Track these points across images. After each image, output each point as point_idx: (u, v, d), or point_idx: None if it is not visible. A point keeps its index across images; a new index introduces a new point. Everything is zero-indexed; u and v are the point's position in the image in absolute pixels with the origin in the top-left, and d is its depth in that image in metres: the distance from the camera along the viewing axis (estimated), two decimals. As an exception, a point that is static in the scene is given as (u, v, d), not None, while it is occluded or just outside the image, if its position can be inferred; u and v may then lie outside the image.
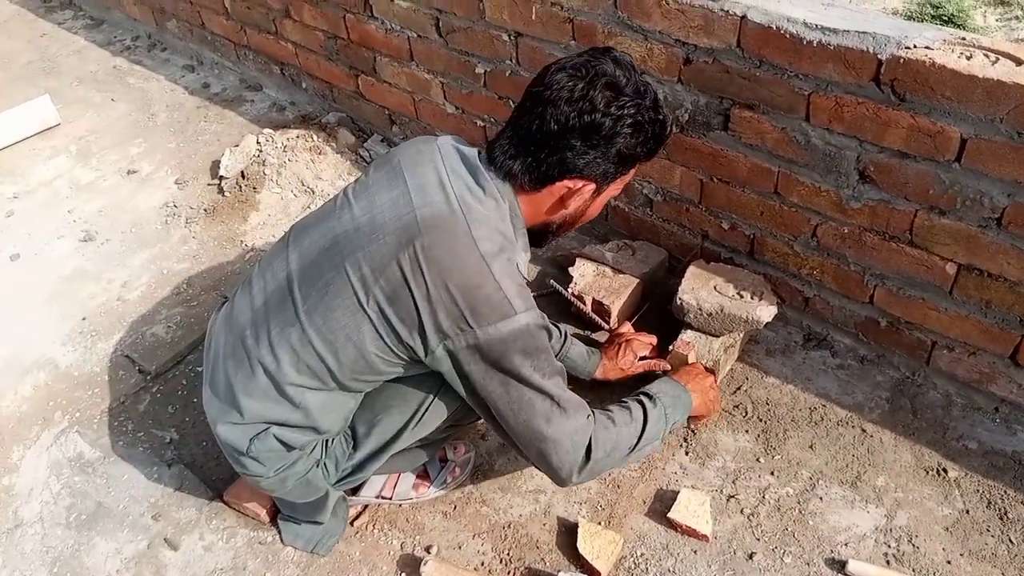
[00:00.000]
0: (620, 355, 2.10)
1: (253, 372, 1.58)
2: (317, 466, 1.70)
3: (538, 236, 1.67)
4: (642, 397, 1.75)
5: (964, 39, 1.65)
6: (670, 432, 1.82)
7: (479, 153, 1.58)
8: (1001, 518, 1.82)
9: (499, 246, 1.47)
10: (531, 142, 1.49)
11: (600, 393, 2.10)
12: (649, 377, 2.13)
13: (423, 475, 1.94)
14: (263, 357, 1.57)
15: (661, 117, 1.52)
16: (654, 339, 2.16)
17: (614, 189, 1.61)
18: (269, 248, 1.76)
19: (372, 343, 1.51)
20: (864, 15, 1.76)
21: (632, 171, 1.59)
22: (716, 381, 2.02)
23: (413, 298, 1.45)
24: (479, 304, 1.43)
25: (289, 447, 1.62)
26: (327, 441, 1.70)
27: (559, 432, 1.53)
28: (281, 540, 1.88)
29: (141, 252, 2.76)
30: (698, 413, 1.91)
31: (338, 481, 1.76)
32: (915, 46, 1.64)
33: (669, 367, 2.10)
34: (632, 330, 2.21)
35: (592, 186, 1.54)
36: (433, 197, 1.49)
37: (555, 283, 2.35)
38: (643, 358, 2.12)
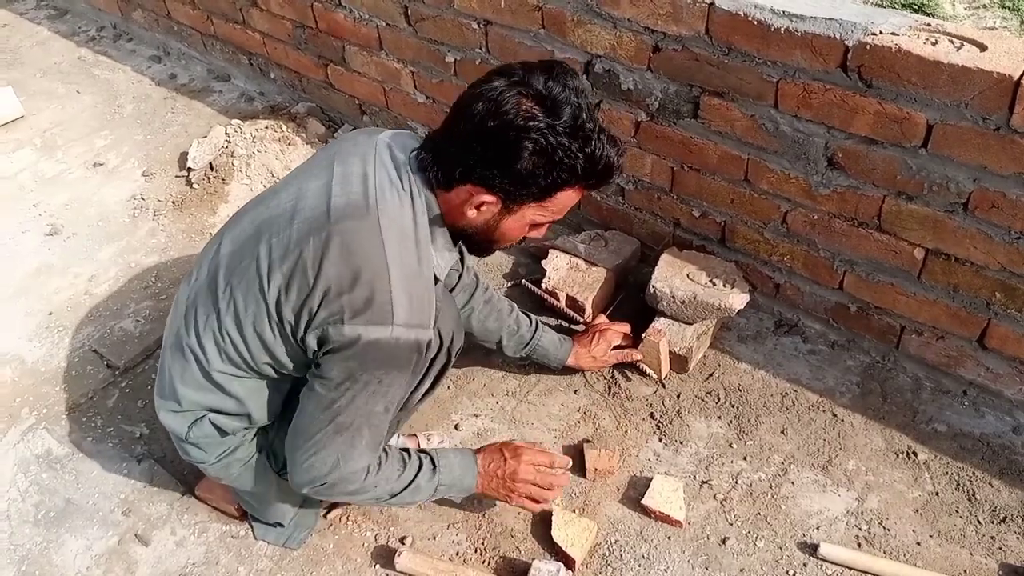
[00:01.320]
0: (593, 344, 2.09)
1: (187, 360, 1.58)
2: (260, 452, 1.70)
3: (471, 243, 1.59)
4: (427, 464, 1.65)
5: (929, 25, 1.66)
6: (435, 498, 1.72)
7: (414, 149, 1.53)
8: (969, 499, 1.85)
9: (409, 249, 1.44)
10: (447, 139, 1.44)
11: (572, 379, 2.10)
12: (624, 366, 2.15)
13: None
14: (193, 345, 1.57)
15: (587, 151, 1.37)
16: (627, 327, 2.16)
17: (535, 214, 1.48)
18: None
19: (270, 331, 1.49)
20: (830, 1, 1.77)
21: (553, 201, 1.45)
22: (557, 465, 1.79)
23: (307, 287, 1.41)
24: (361, 301, 1.39)
25: (223, 432, 1.63)
26: (267, 428, 1.70)
27: (342, 454, 1.48)
28: (253, 534, 1.86)
29: (108, 245, 2.72)
30: (484, 496, 1.78)
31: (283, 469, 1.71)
32: (881, 32, 1.65)
33: (640, 356, 2.10)
34: (607, 321, 2.20)
35: (496, 200, 1.44)
36: (352, 188, 1.46)
37: (528, 282, 2.36)
38: (617, 347, 2.12)
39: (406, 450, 1.65)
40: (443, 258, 1.54)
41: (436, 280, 1.52)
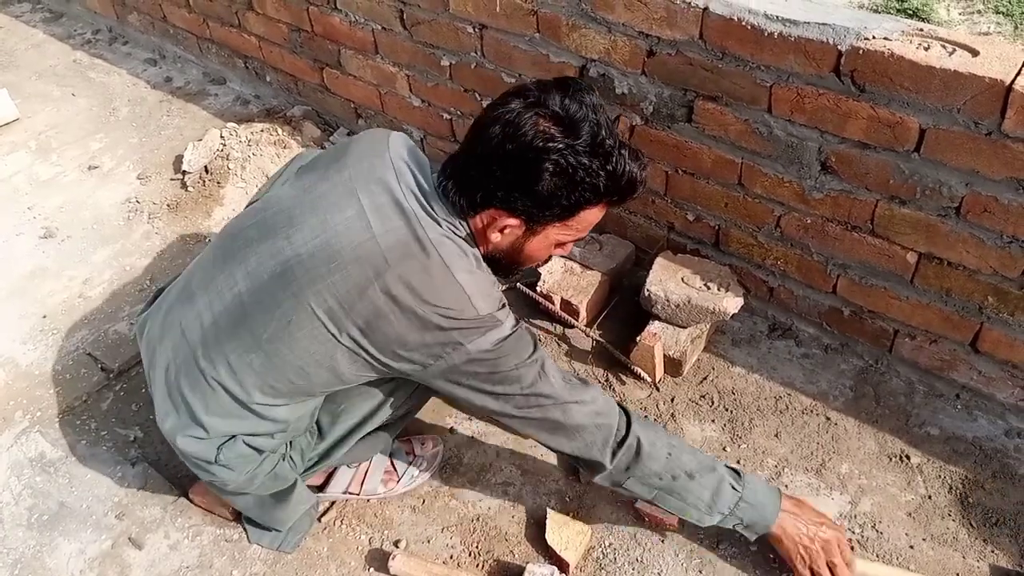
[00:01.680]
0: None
1: (214, 391, 1.53)
2: (283, 459, 1.69)
3: (496, 267, 1.58)
4: (728, 470, 1.62)
5: (922, 30, 1.67)
6: (720, 523, 1.64)
7: (430, 168, 1.53)
8: (962, 503, 1.85)
9: (468, 265, 1.44)
10: (467, 162, 1.43)
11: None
12: (619, 369, 2.15)
13: (391, 470, 1.93)
14: (223, 380, 1.52)
15: (608, 168, 1.37)
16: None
17: (558, 234, 1.49)
18: (204, 252, 1.68)
19: (348, 367, 1.49)
20: (824, 6, 1.78)
21: (575, 220, 1.46)
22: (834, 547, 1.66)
23: (392, 328, 1.41)
24: (462, 324, 1.40)
25: (260, 450, 1.60)
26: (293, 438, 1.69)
27: (578, 416, 1.53)
28: (248, 538, 1.86)
29: (103, 248, 2.72)
30: (777, 542, 1.66)
31: (305, 470, 1.75)
32: (874, 37, 1.66)
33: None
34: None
35: (520, 223, 1.44)
36: (393, 222, 1.42)
37: (522, 286, 2.35)
38: None
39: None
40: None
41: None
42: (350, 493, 1.91)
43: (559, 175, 1.35)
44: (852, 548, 1.73)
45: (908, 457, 1.95)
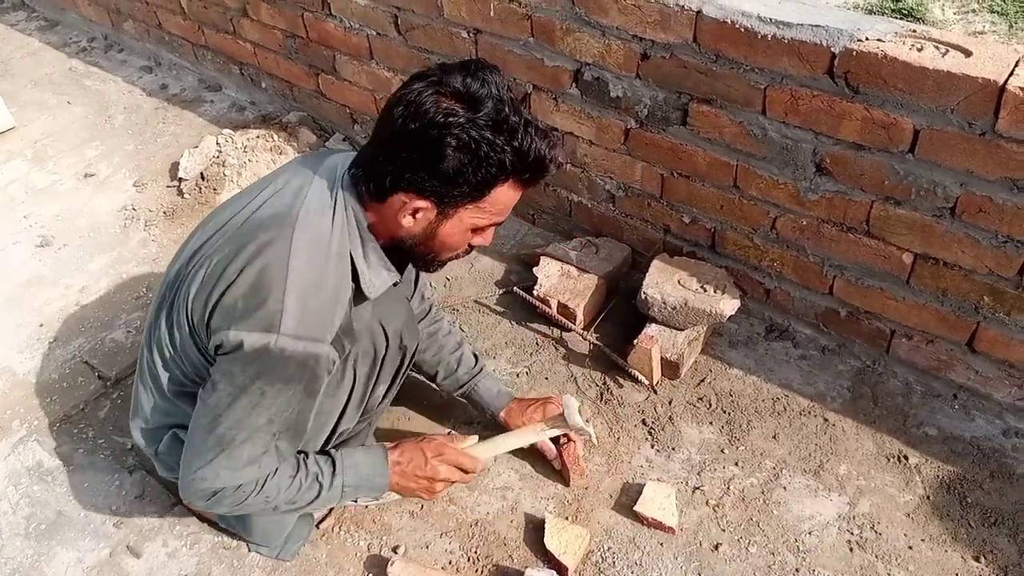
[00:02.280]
0: (529, 410, 1.93)
1: (150, 381, 1.63)
2: None
3: (414, 256, 1.54)
4: (325, 468, 1.58)
5: (915, 31, 1.68)
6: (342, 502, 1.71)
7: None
8: (961, 502, 1.85)
9: (318, 262, 1.40)
10: (374, 148, 1.42)
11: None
12: (616, 372, 2.15)
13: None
14: (151, 366, 1.61)
15: (514, 144, 1.34)
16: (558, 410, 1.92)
17: (472, 217, 1.44)
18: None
19: (191, 346, 1.49)
20: (817, 8, 1.78)
21: (487, 200, 1.41)
22: (463, 463, 1.73)
23: (210, 286, 1.41)
24: (251, 307, 1.36)
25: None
26: None
27: (223, 468, 1.43)
28: (246, 546, 1.86)
29: (99, 256, 2.72)
30: (398, 494, 1.74)
31: None
32: (867, 39, 1.66)
33: (555, 455, 1.96)
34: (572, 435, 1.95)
35: (430, 205, 1.40)
36: (282, 200, 1.45)
37: (519, 290, 2.36)
38: (555, 439, 1.94)
39: (304, 453, 1.57)
40: (378, 276, 1.48)
41: (364, 297, 1.48)
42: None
43: (462, 150, 1.33)
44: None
45: (906, 457, 1.95)
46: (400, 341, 1.66)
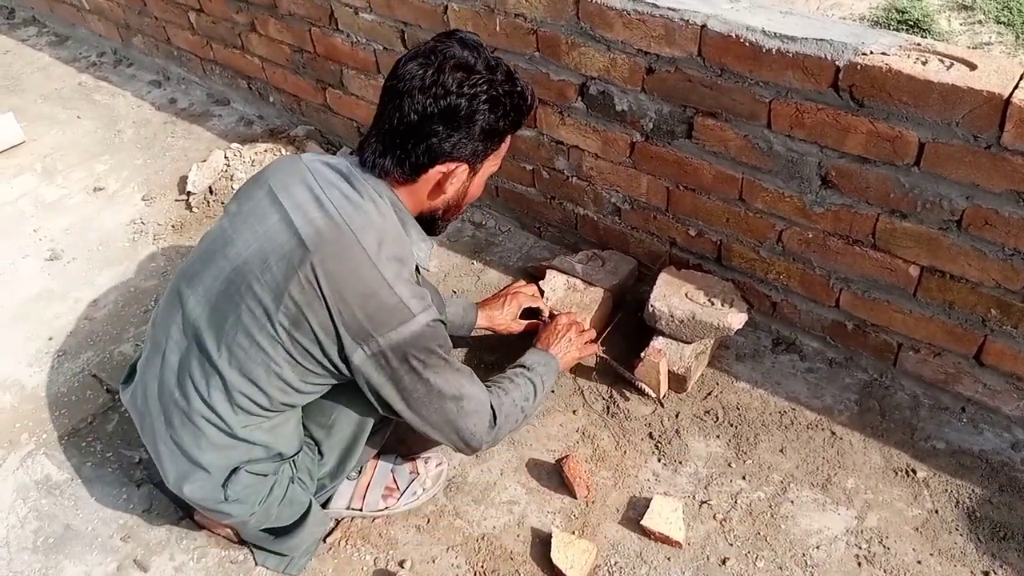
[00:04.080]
0: (505, 306, 2.21)
1: (198, 427, 1.58)
2: (293, 482, 1.71)
3: (428, 224, 1.67)
4: (519, 369, 1.87)
5: (919, 44, 1.68)
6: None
7: (350, 156, 1.61)
8: (970, 517, 1.84)
9: (390, 250, 1.50)
10: (396, 135, 1.50)
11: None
12: (623, 385, 2.15)
13: (392, 486, 1.94)
14: (201, 411, 1.57)
15: (518, 88, 1.53)
16: (535, 288, 2.33)
17: (491, 165, 1.63)
18: (159, 305, 1.74)
19: (291, 370, 1.53)
20: (821, 22, 1.79)
21: (504, 145, 1.61)
22: (576, 324, 2.11)
23: (316, 319, 1.47)
24: (377, 312, 1.47)
25: (263, 475, 1.64)
26: (293, 460, 1.71)
27: (468, 411, 1.63)
28: (254, 560, 1.86)
29: (108, 270, 2.73)
30: (568, 368, 2.08)
31: (319, 491, 1.79)
32: (872, 52, 1.66)
33: (542, 324, 2.18)
34: (522, 282, 2.37)
35: (465, 167, 1.55)
36: (312, 214, 1.50)
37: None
38: (528, 311, 2.25)
39: (505, 374, 1.86)
40: (421, 249, 1.61)
41: (419, 271, 1.60)
42: (353, 509, 1.91)
43: (496, 108, 1.50)
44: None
45: (914, 471, 1.94)
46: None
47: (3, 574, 1.87)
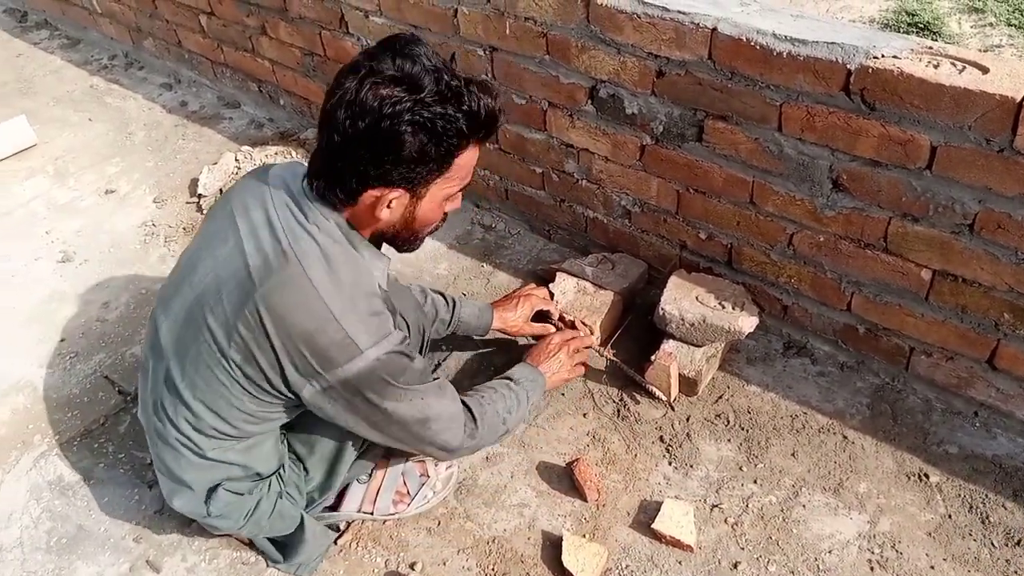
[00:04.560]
0: (518, 308, 2.21)
1: (177, 451, 1.61)
2: (281, 497, 1.73)
3: (398, 241, 1.58)
4: (506, 381, 1.87)
5: (931, 48, 1.67)
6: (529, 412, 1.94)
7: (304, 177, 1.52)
8: (983, 522, 1.83)
9: (340, 275, 1.44)
10: (327, 156, 1.40)
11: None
12: (634, 388, 2.15)
13: (403, 491, 1.94)
14: (177, 436, 1.60)
15: (455, 110, 1.35)
16: (546, 291, 2.32)
17: (442, 189, 1.47)
18: (148, 322, 1.75)
19: (250, 401, 1.54)
20: (832, 25, 1.78)
21: (454, 168, 1.44)
22: (568, 345, 2.07)
23: (263, 356, 1.45)
24: (326, 349, 1.42)
25: (240, 494, 1.67)
26: (279, 475, 1.74)
27: (437, 430, 1.61)
28: (265, 561, 1.87)
29: (120, 272, 2.75)
30: (555, 388, 2.09)
31: (309, 504, 1.82)
32: (883, 55, 1.66)
33: (554, 329, 2.21)
34: (532, 286, 2.36)
35: (401, 191, 1.42)
36: (262, 242, 1.45)
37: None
38: (539, 314, 2.24)
39: (491, 384, 1.85)
40: (377, 267, 1.53)
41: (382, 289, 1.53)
42: (364, 512, 1.92)
43: (419, 132, 1.33)
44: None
45: (927, 476, 1.93)
46: (420, 328, 1.78)
47: (17, 574, 1.88)
